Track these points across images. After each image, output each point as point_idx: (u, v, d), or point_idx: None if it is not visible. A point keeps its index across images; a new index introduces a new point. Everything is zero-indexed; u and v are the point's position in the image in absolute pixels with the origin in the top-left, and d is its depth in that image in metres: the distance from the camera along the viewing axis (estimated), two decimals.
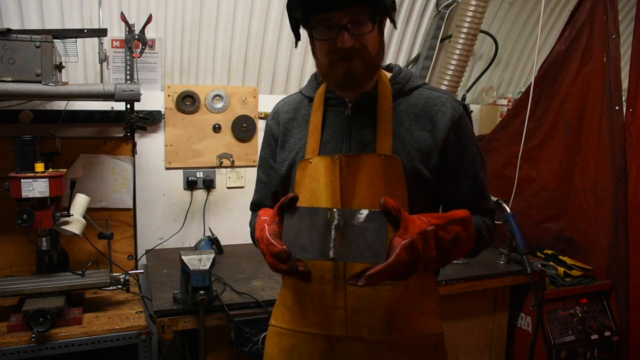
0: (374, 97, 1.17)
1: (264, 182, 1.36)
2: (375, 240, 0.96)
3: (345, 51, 1.06)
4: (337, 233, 0.97)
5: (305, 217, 1.00)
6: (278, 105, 1.34)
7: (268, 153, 1.33)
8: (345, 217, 0.98)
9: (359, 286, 0.97)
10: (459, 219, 1.11)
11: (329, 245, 0.97)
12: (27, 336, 1.64)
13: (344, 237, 0.97)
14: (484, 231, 1.21)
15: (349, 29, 1.05)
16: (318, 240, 0.98)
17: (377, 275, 0.95)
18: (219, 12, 2.43)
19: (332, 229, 0.97)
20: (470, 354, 2.31)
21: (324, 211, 0.99)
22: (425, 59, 2.89)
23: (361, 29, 1.06)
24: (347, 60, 1.08)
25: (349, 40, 1.05)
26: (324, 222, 0.98)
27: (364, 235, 0.96)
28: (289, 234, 1.00)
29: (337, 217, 0.98)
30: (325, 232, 0.98)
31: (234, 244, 2.60)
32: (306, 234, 0.99)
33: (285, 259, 0.98)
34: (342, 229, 0.97)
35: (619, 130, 2.30)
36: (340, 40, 1.05)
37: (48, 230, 1.84)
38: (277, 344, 1.27)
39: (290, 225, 1.01)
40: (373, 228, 0.97)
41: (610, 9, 2.30)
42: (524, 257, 2.27)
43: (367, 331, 1.17)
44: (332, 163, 1.14)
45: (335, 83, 1.15)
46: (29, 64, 1.82)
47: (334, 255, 0.96)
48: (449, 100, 1.19)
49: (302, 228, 0.99)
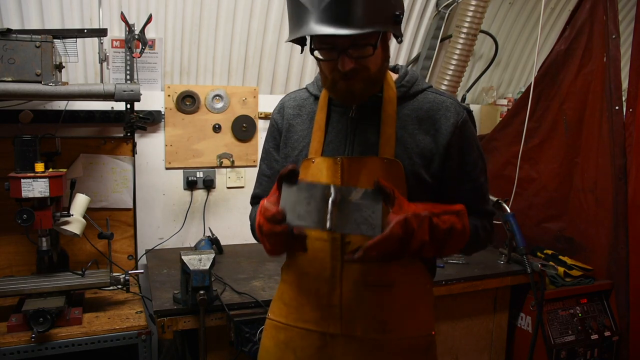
0: (379, 100, 1.18)
1: (267, 175, 1.36)
2: (371, 215, 1.00)
3: (345, 73, 1.07)
4: (334, 207, 1.00)
5: (303, 189, 1.02)
6: (284, 99, 1.35)
7: (272, 146, 1.34)
8: (343, 194, 1.01)
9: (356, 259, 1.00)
10: (454, 211, 1.13)
11: (326, 216, 0.99)
12: (27, 336, 1.64)
13: (341, 211, 1.00)
14: (480, 230, 1.22)
15: (349, 53, 1.05)
16: (315, 212, 1.00)
17: (374, 247, 0.99)
18: (219, 12, 2.43)
19: (330, 203, 1.00)
20: (470, 354, 2.31)
21: (322, 186, 1.02)
22: (425, 59, 2.89)
23: (363, 52, 1.06)
24: (348, 79, 1.09)
25: (349, 64, 1.05)
26: (322, 195, 1.01)
27: (360, 210, 1.00)
28: (286, 203, 1.02)
29: (335, 192, 1.01)
30: (323, 205, 1.00)
31: (234, 244, 2.60)
32: (304, 205, 1.01)
33: (280, 220, 1.00)
34: (339, 203, 1.00)
35: (619, 130, 2.30)
36: (340, 63, 1.05)
37: (48, 230, 1.84)
38: (273, 337, 1.29)
39: (288, 195, 1.03)
40: (369, 204, 1.01)
41: (610, 9, 2.30)
42: (524, 257, 2.27)
43: (360, 330, 1.18)
44: (334, 164, 1.16)
45: (337, 98, 1.18)
46: (29, 64, 1.82)
47: (330, 226, 0.99)
48: (453, 105, 1.19)
49: (300, 199, 1.01)
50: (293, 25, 1.06)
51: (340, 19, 0.99)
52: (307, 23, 1.01)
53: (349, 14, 0.98)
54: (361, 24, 0.99)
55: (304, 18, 1.01)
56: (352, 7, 0.98)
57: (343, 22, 0.99)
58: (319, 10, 0.99)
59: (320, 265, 1.18)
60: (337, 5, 0.98)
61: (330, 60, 1.08)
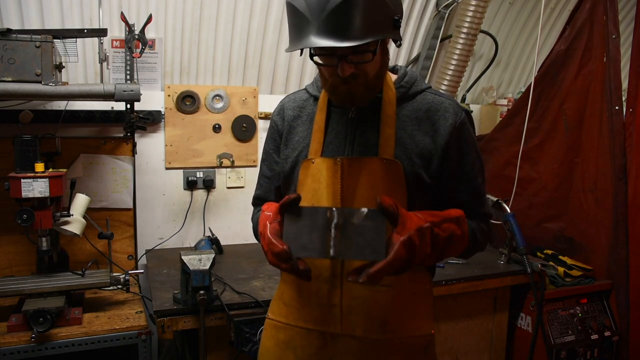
0: (378, 101, 1.18)
1: (268, 177, 1.36)
2: (375, 238, 0.98)
3: (345, 78, 1.07)
4: (336, 232, 0.99)
5: (305, 216, 1.02)
6: (284, 101, 1.35)
7: (273, 148, 1.34)
8: (345, 216, 1.00)
9: (360, 283, 0.99)
10: (454, 218, 1.13)
11: (329, 243, 0.99)
12: (27, 336, 1.64)
13: (344, 235, 0.99)
14: (478, 234, 1.23)
15: (349, 59, 1.05)
16: (318, 239, 1.00)
17: (379, 272, 0.98)
18: (219, 12, 2.43)
19: (332, 228, 0.99)
20: (470, 354, 2.31)
21: (324, 210, 1.01)
22: (425, 59, 2.89)
23: (362, 57, 1.06)
24: (348, 84, 1.09)
25: (348, 69, 1.06)
26: (324, 221, 1.00)
27: (363, 233, 0.99)
28: (289, 233, 1.02)
29: (337, 216, 1.00)
30: (325, 231, 1.00)
31: (234, 244, 2.60)
32: (307, 233, 1.01)
33: (285, 259, 1.01)
34: (342, 227, 0.99)
35: (619, 130, 2.30)
36: (340, 69, 1.06)
37: (48, 230, 1.84)
38: (273, 337, 1.30)
39: (290, 225, 1.03)
40: (372, 226, 0.99)
41: (610, 9, 2.30)
42: (524, 257, 2.27)
43: (361, 330, 1.18)
44: (334, 165, 1.16)
45: (336, 102, 1.18)
46: (29, 64, 1.82)
47: (334, 254, 0.99)
48: (452, 106, 1.20)
49: (303, 227, 1.01)
50: (294, 35, 1.07)
51: (341, 30, 0.99)
52: (307, 34, 1.01)
53: (349, 25, 0.99)
54: (361, 34, 0.99)
55: (305, 29, 1.01)
56: (352, 18, 0.98)
57: (343, 33, 0.99)
58: (319, 21, 0.99)
59: (321, 265, 1.18)
60: (337, 16, 0.98)
61: (329, 65, 1.09)
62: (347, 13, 0.98)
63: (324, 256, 0.99)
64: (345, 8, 0.98)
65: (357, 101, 1.14)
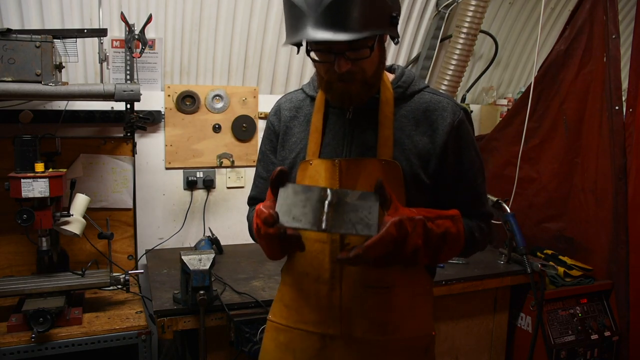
0: (376, 101, 1.18)
1: (264, 177, 1.35)
2: (367, 215, 1.00)
3: (341, 74, 1.07)
4: (330, 208, 1.00)
5: (299, 192, 1.03)
6: (280, 101, 1.34)
7: (269, 149, 1.33)
8: (339, 196, 1.01)
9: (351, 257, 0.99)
10: (448, 215, 1.13)
11: (321, 217, 0.99)
12: (27, 336, 1.64)
13: (337, 212, 1.00)
14: (477, 233, 1.21)
15: (346, 55, 1.04)
16: (311, 213, 1.00)
17: (371, 247, 0.98)
18: (219, 12, 2.43)
19: (326, 204, 1.00)
20: (470, 354, 2.31)
21: (319, 189, 1.02)
22: (425, 59, 2.89)
23: (359, 54, 1.05)
24: (344, 81, 1.09)
25: (345, 65, 1.05)
26: (318, 198, 1.01)
27: (356, 210, 1.00)
28: (282, 206, 1.02)
29: (331, 195, 1.01)
30: (319, 207, 1.00)
31: (234, 244, 2.60)
32: (300, 207, 1.01)
33: (271, 223, 1.00)
34: (335, 205, 1.00)
35: (619, 130, 2.30)
36: (337, 65, 1.05)
37: (48, 230, 1.84)
38: (274, 339, 1.29)
39: (284, 198, 1.03)
40: (365, 205, 1.01)
41: (610, 9, 2.30)
42: (524, 257, 2.27)
43: (360, 331, 1.18)
44: (332, 166, 1.15)
45: (333, 100, 1.17)
46: (29, 64, 1.82)
47: (326, 227, 0.99)
48: (450, 105, 1.19)
49: (296, 202, 1.02)
50: (290, 29, 1.06)
51: (338, 24, 0.98)
52: (304, 28, 1.00)
53: (346, 19, 0.98)
54: (358, 28, 0.99)
55: (301, 22, 1.01)
56: (349, 11, 0.98)
57: (340, 27, 0.98)
58: (316, 14, 0.98)
59: (320, 267, 1.18)
60: (334, 9, 0.97)
61: (326, 62, 1.08)
62: (344, 7, 0.97)
63: (316, 228, 0.99)
64: (342, 2, 0.97)
65: (354, 100, 1.13)
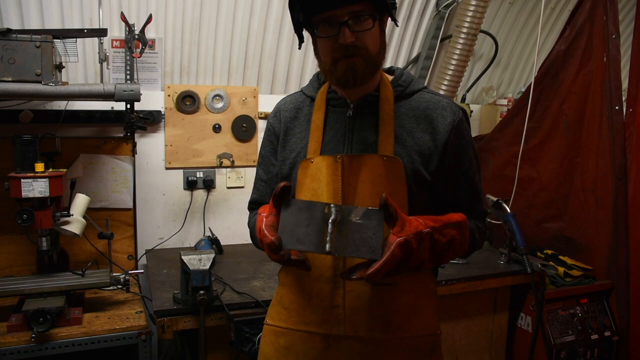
0: (376, 99, 1.18)
1: (264, 180, 1.35)
2: (372, 237, 0.98)
3: (346, 47, 1.08)
4: (334, 227, 0.98)
5: (302, 210, 1.01)
6: (280, 103, 1.34)
7: (269, 151, 1.33)
8: (343, 213, 0.99)
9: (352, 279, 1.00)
10: (455, 223, 1.14)
11: (325, 239, 0.98)
12: (27, 336, 1.64)
13: (341, 232, 0.98)
14: (477, 234, 1.24)
15: (349, 25, 1.07)
16: (315, 234, 0.99)
17: (377, 273, 0.97)
18: (219, 12, 2.43)
19: (330, 224, 0.99)
20: (470, 354, 2.31)
21: (322, 206, 1.00)
22: (425, 59, 2.89)
23: (362, 25, 1.08)
24: (349, 57, 1.10)
25: (349, 36, 1.07)
26: (322, 216, 1.00)
27: (360, 231, 0.98)
28: (285, 226, 1.01)
29: (335, 212, 0.99)
30: (323, 226, 0.99)
31: (234, 244, 2.60)
32: (303, 227, 1.00)
33: (275, 250, 0.99)
34: (339, 224, 0.99)
35: (619, 130, 2.30)
36: (341, 36, 1.07)
37: (48, 230, 1.84)
38: (272, 343, 1.27)
39: (287, 217, 1.01)
40: (370, 225, 0.99)
41: (610, 9, 2.30)
42: (524, 257, 2.27)
43: (364, 330, 1.17)
44: (334, 163, 1.15)
45: (337, 79, 1.15)
46: (29, 64, 1.82)
47: (330, 249, 0.98)
48: (449, 105, 1.21)
49: (300, 220, 1.00)
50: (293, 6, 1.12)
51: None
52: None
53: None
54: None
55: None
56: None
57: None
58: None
59: (322, 266, 1.17)
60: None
61: (330, 36, 1.10)
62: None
63: (320, 251, 0.98)
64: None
65: (359, 77, 1.13)
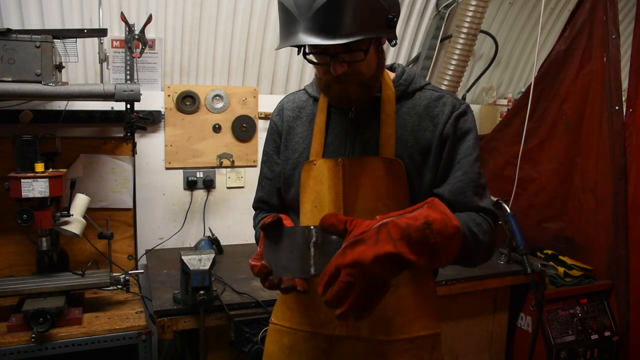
0: (378, 100, 1.18)
1: (269, 178, 1.35)
2: None
3: (338, 77, 1.07)
4: (316, 250, 0.98)
5: (285, 237, 1.01)
6: (283, 101, 1.34)
7: (273, 149, 1.33)
8: (323, 234, 0.99)
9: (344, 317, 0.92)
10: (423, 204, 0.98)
11: (309, 262, 0.98)
12: (27, 336, 1.64)
13: (323, 252, 0.98)
14: (475, 228, 1.06)
15: (341, 57, 1.04)
16: (298, 259, 0.99)
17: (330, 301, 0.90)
18: (219, 12, 2.43)
19: (311, 246, 0.98)
20: (470, 354, 2.31)
21: (302, 230, 1.00)
22: (425, 59, 2.89)
23: (355, 56, 1.05)
24: (342, 83, 1.09)
25: (340, 68, 1.05)
26: (303, 240, 0.99)
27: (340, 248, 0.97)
28: (269, 254, 1.01)
29: (315, 234, 0.99)
30: (305, 250, 0.99)
31: (234, 244, 2.60)
32: (287, 253, 1.00)
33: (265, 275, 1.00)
34: (321, 245, 0.98)
35: (619, 130, 2.30)
36: (332, 67, 1.05)
37: (48, 230, 1.84)
38: (277, 342, 1.28)
39: (270, 246, 1.02)
40: None
41: (610, 9, 2.30)
42: (524, 257, 2.27)
43: (366, 331, 1.18)
44: (335, 166, 1.16)
45: (332, 101, 1.17)
46: (29, 64, 1.82)
47: (315, 272, 0.98)
48: (450, 99, 1.19)
49: (283, 248, 1.01)
50: (283, 33, 1.05)
51: (329, 27, 0.97)
52: (296, 32, 0.99)
53: (337, 22, 0.97)
54: (350, 32, 0.98)
55: (293, 27, 1.00)
56: (340, 15, 0.97)
57: (331, 31, 0.97)
58: (306, 19, 0.98)
59: None
60: (324, 14, 0.97)
61: (322, 64, 1.09)
62: (335, 10, 0.97)
63: (305, 276, 0.98)
64: (333, 5, 0.96)
65: (353, 101, 1.13)
